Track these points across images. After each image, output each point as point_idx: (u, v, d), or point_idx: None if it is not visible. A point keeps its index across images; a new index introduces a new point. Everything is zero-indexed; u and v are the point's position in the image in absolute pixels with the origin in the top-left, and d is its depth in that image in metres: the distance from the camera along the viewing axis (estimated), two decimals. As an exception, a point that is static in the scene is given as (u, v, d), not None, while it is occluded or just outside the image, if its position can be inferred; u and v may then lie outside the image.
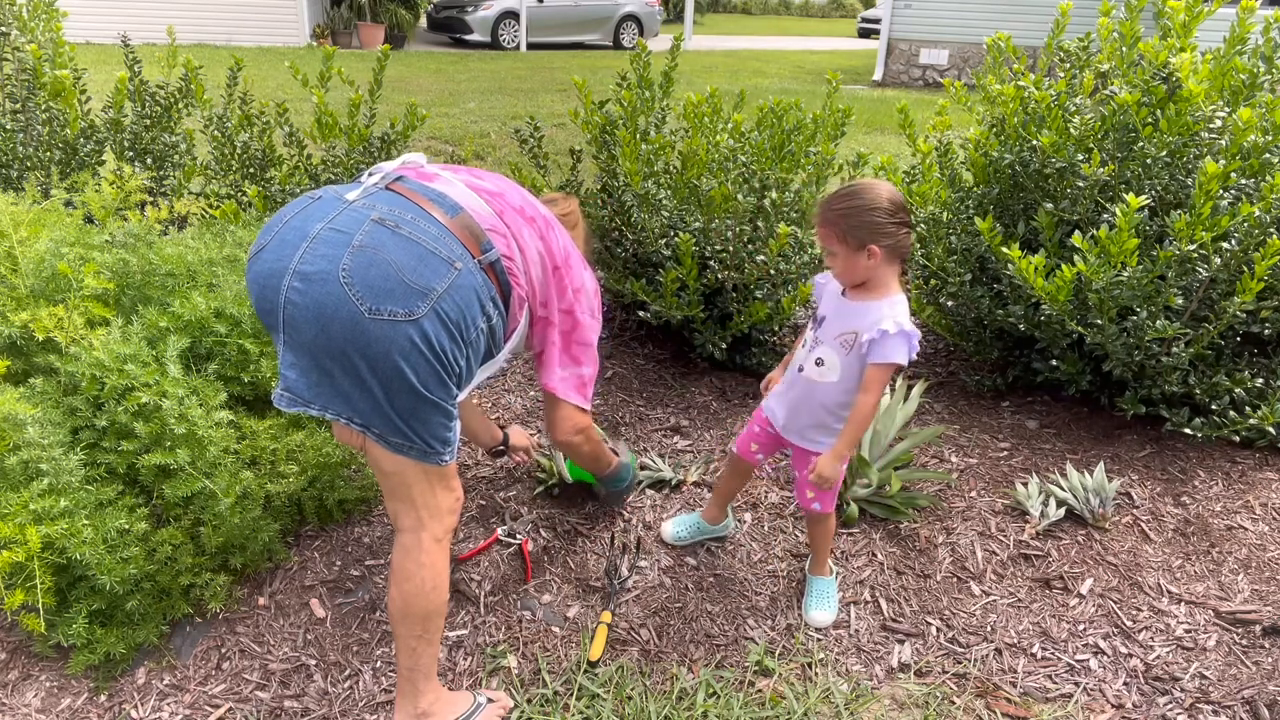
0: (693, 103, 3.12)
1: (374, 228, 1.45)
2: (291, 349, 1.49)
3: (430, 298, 1.44)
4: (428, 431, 1.54)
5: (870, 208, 1.78)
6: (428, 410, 1.52)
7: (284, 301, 1.44)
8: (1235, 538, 2.40)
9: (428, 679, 1.70)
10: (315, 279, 1.42)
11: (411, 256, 1.44)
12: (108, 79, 7.90)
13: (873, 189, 1.80)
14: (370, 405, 1.48)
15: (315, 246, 1.44)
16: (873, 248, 1.78)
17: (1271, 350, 2.78)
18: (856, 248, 1.79)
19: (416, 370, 1.46)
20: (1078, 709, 1.89)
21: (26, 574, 1.73)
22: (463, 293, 1.49)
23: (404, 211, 1.50)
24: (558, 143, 6.79)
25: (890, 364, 1.81)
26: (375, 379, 1.45)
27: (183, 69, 3.59)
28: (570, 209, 2.13)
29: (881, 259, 1.79)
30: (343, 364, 1.45)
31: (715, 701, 1.87)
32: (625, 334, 3.52)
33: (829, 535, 2.13)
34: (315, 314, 1.42)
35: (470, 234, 1.55)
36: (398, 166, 1.65)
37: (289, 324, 1.46)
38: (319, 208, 1.50)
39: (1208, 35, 2.74)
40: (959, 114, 3.55)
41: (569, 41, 17.47)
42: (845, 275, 1.87)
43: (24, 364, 2.07)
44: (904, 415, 2.51)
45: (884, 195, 1.79)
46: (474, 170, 1.77)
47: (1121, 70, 2.95)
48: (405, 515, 1.61)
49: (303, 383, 1.50)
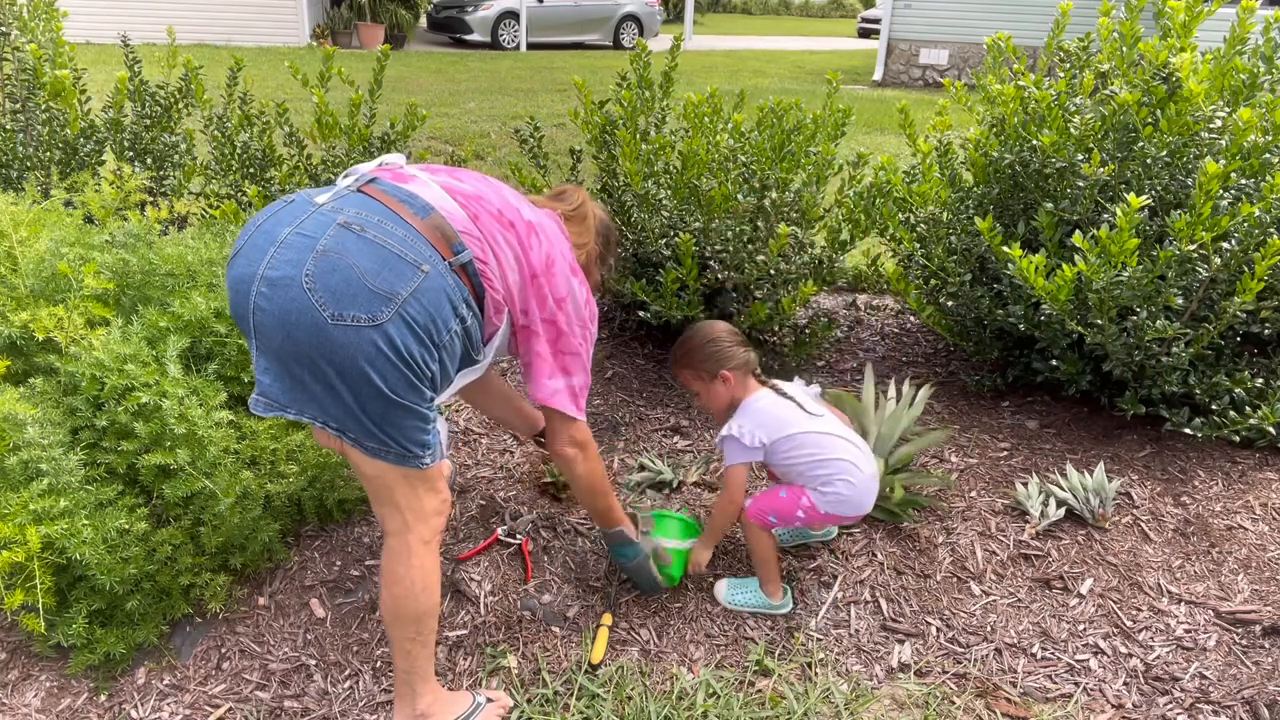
0: (693, 103, 3.12)
1: (339, 231, 1.43)
2: (263, 354, 1.48)
3: (394, 302, 1.42)
4: (403, 436, 1.52)
5: (708, 340, 2.08)
6: (399, 414, 1.49)
7: (252, 307, 1.43)
8: (1235, 538, 2.40)
9: (425, 680, 1.70)
10: (280, 284, 1.40)
11: (375, 260, 1.42)
12: (108, 79, 7.90)
13: (707, 325, 2.13)
14: (342, 410, 1.47)
15: (281, 252, 1.42)
16: (724, 373, 2.06)
17: (1271, 350, 2.78)
18: (711, 379, 2.08)
19: (384, 375, 1.44)
20: (1078, 709, 1.89)
21: (26, 574, 1.73)
22: (430, 295, 1.46)
23: (371, 214, 1.47)
24: (558, 143, 6.79)
25: (731, 467, 2.06)
26: (344, 384, 1.44)
27: (183, 69, 3.59)
28: (578, 202, 2.05)
29: (735, 380, 2.07)
30: (311, 370, 1.44)
31: (715, 701, 1.87)
32: (625, 334, 3.51)
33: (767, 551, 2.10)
34: (280, 320, 1.41)
35: (441, 235, 1.52)
36: (374, 168, 1.63)
37: (258, 330, 1.45)
38: (289, 212, 1.48)
39: (1208, 35, 2.74)
40: (959, 114, 3.54)
41: (569, 41, 17.47)
42: (713, 406, 2.14)
43: (24, 364, 2.07)
44: (909, 419, 2.51)
45: (719, 327, 2.12)
46: (456, 172, 1.73)
47: (1121, 70, 2.95)
48: (391, 519, 1.61)
49: (277, 387, 1.49)
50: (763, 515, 2.05)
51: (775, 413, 2.05)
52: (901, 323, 3.83)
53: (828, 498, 2.00)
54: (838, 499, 2.00)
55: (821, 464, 2.01)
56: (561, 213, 1.96)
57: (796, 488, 2.04)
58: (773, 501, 2.05)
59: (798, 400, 2.08)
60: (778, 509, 2.04)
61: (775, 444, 2.03)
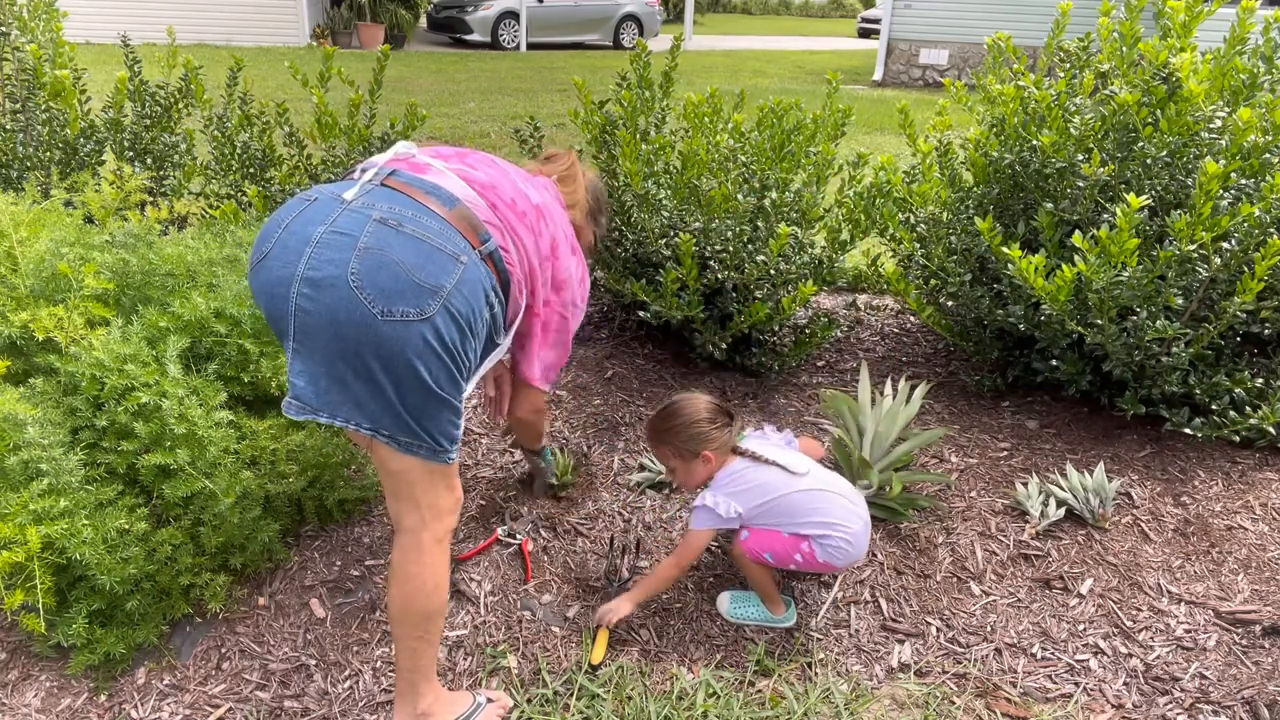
0: (693, 103, 3.12)
1: (377, 228, 1.44)
2: (301, 356, 1.48)
3: (441, 295, 1.45)
4: (438, 429, 1.54)
5: (692, 421, 2.00)
6: (438, 407, 1.52)
7: (294, 309, 1.43)
8: (1235, 538, 2.40)
9: (427, 680, 1.70)
10: (325, 285, 1.41)
11: (418, 255, 1.44)
12: (108, 79, 7.89)
13: (691, 403, 2.03)
14: (382, 406, 1.48)
15: (320, 251, 1.42)
16: (706, 454, 2.00)
17: (1271, 350, 2.77)
18: (692, 458, 2.01)
19: (429, 368, 1.46)
20: (1078, 709, 1.89)
21: (26, 574, 1.73)
22: (470, 286, 1.50)
23: (404, 209, 1.49)
24: (558, 143, 6.79)
25: (696, 532, 2.01)
26: (389, 379, 1.45)
27: (183, 69, 3.59)
28: (568, 163, 2.14)
29: (716, 460, 2.01)
30: (356, 367, 1.45)
31: (715, 701, 1.87)
32: (625, 334, 3.51)
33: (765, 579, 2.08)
34: (328, 320, 1.42)
35: (469, 225, 1.55)
36: (389, 159, 1.63)
37: (300, 331, 1.45)
38: (317, 210, 1.48)
39: (1208, 35, 2.74)
40: (959, 114, 3.54)
41: (569, 41, 17.47)
42: (688, 482, 2.09)
43: (24, 364, 2.07)
44: (905, 417, 2.51)
45: (701, 407, 2.02)
46: (465, 156, 1.75)
47: (1121, 70, 2.95)
48: (408, 515, 1.61)
49: (310, 390, 1.49)
50: (758, 553, 2.00)
51: (753, 480, 1.99)
52: (901, 323, 3.83)
53: (826, 549, 1.98)
54: (836, 550, 1.98)
55: (813, 525, 1.97)
56: (555, 175, 2.08)
57: (799, 535, 1.99)
58: (771, 541, 1.99)
59: (779, 462, 2.01)
60: (775, 549, 1.99)
61: (757, 512, 1.99)
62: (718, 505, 1.98)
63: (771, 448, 2.07)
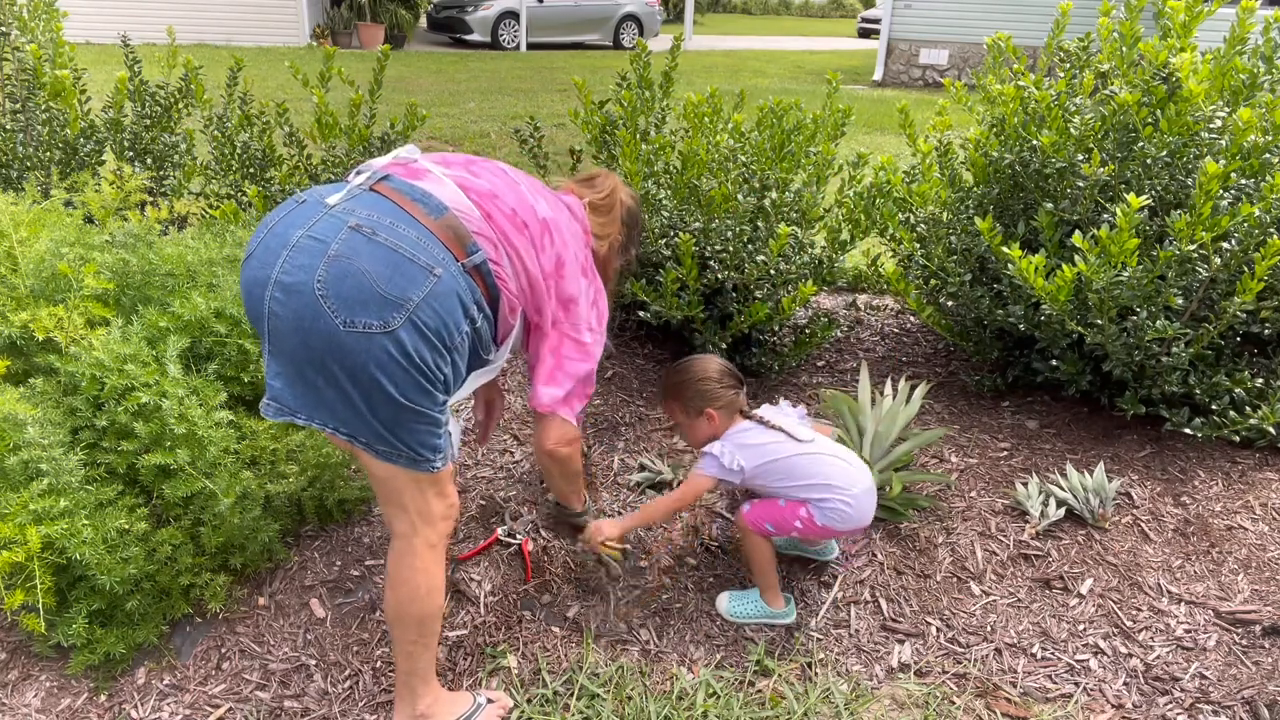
0: (693, 103, 3.12)
1: (350, 235, 1.41)
2: (276, 358, 1.48)
3: (406, 308, 1.40)
4: (414, 440, 1.51)
5: (701, 378, 2.06)
6: (410, 419, 1.49)
7: (267, 311, 1.42)
8: (1235, 538, 2.40)
9: (425, 681, 1.70)
10: (293, 290, 1.39)
11: (387, 265, 1.40)
12: (108, 79, 7.89)
13: (702, 361, 2.10)
14: (353, 415, 1.46)
15: (294, 256, 1.41)
16: (710, 411, 2.05)
17: (1271, 350, 2.77)
18: (696, 415, 2.07)
19: (395, 381, 1.43)
20: (1078, 709, 1.89)
21: (26, 574, 1.73)
22: (443, 299, 1.45)
23: (382, 216, 1.45)
24: (558, 143, 6.79)
25: (699, 475, 2.05)
26: (356, 390, 1.43)
27: (183, 69, 3.59)
28: (607, 190, 1.99)
29: (720, 420, 2.06)
30: (324, 375, 1.43)
31: (715, 701, 1.87)
32: (625, 334, 3.51)
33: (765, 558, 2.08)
34: (295, 325, 1.40)
35: (454, 235, 1.50)
36: (388, 162, 1.61)
37: (272, 334, 1.45)
38: (301, 213, 1.47)
39: (1208, 35, 2.74)
40: (959, 114, 3.54)
41: (569, 41, 17.47)
42: (693, 440, 2.14)
43: (24, 364, 2.07)
44: (905, 417, 2.51)
45: (712, 366, 2.08)
46: (473, 164, 1.70)
47: (1121, 70, 2.95)
48: (399, 521, 1.60)
49: (288, 392, 1.48)
50: (760, 523, 2.03)
51: (759, 441, 2.03)
52: (901, 323, 3.83)
53: (825, 512, 1.99)
54: (835, 513, 1.98)
55: (813, 488, 1.99)
56: (589, 201, 1.94)
57: (796, 501, 2.02)
58: (771, 510, 2.03)
59: (785, 429, 2.05)
60: (775, 518, 2.02)
61: (759, 470, 2.01)
62: (723, 455, 2.02)
63: (782, 416, 2.11)
